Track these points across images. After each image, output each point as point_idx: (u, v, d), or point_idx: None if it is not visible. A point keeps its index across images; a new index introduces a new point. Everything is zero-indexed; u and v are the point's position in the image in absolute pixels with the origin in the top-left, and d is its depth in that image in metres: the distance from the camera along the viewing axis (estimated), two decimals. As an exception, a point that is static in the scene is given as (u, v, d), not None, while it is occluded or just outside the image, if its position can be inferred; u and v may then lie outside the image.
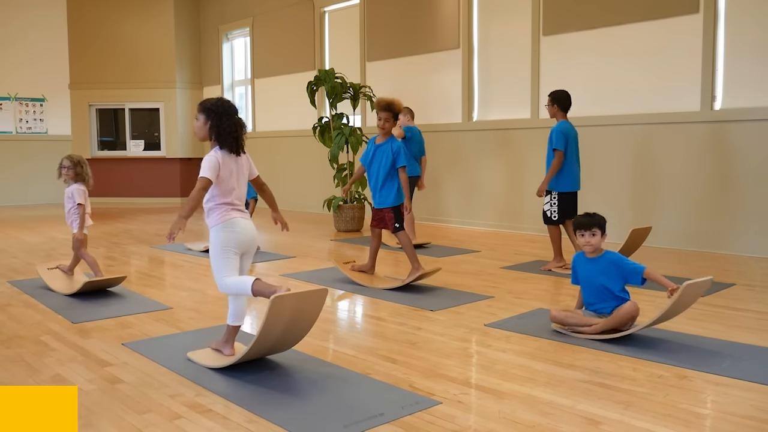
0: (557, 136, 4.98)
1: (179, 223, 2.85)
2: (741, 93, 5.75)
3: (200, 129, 2.98)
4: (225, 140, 2.93)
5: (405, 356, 3.05)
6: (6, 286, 4.74)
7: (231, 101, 3.03)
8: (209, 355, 3.04)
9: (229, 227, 2.92)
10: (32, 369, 2.92)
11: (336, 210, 7.76)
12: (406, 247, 4.59)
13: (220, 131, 2.92)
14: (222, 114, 2.93)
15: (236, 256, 2.95)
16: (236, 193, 2.98)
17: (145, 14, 11.52)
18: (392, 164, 4.53)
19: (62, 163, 4.57)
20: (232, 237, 2.92)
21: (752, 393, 2.55)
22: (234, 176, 2.97)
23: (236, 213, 2.96)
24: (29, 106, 11.46)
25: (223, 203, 2.94)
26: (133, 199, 11.52)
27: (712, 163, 5.88)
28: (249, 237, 2.99)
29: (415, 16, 8.32)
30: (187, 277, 5.18)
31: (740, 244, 5.73)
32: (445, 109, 8.09)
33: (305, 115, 9.21)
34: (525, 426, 2.26)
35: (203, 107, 2.97)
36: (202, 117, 2.96)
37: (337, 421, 2.31)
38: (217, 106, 2.95)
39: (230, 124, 2.93)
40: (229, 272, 2.93)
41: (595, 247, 3.39)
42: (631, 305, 3.23)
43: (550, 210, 5.10)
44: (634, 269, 3.28)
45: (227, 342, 3.04)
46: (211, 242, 2.96)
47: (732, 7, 5.76)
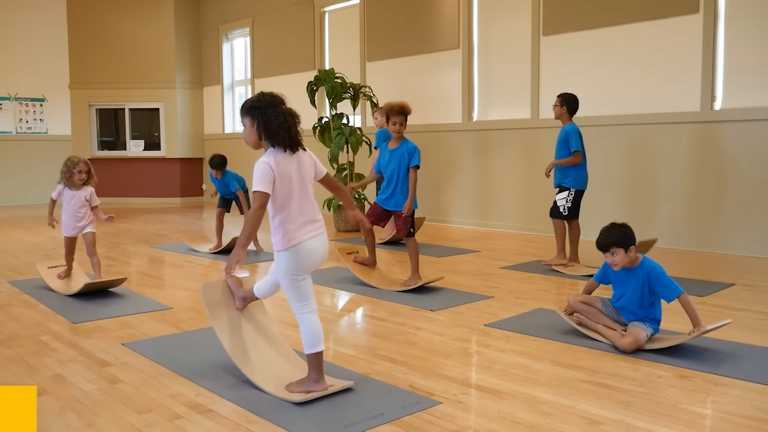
0: (575, 137, 5.05)
1: (238, 254, 2.46)
2: (741, 93, 5.75)
3: (250, 133, 2.55)
4: (276, 135, 2.51)
5: (405, 356, 3.05)
6: (6, 286, 4.74)
7: (274, 93, 2.61)
8: (219, 297, 2.90)
9: (293, 254, 2.51)
10: (32, 369, 2.92)
11: (336, 210, 7.76)
12: (412, 254, 4.58)
13: (269, 126, 2.51)
14: (266, 107, 2.52)
15: (305, 280, 2.58)
16: (298, 200, 2.54)
17: (145, 14, 11.52)
18: (408, 166, 4.55)
19: (78, 167, 4.48)
20: (296, 264, 2.52)
21: (752, 393, 2.55)
22: (294, 180, 2.53)
23: (302, 232, 2.53)
24: (29, 106, 11.45)
25: (284, 220, 2.51)
26: (133, 199, 11.52)
27: (712, 163, 5.88)
28: (318, 259, 2.59)
29: (415, 16, 8.32)
30: (187, 277, 5.18)
31: (740, 244, 5.72)
32: (445, 109, 8.09)
33: (305, 115, 9.05)
34: (525, 426, 2.26)
35: (245, 108, 2.57)
36: (247, 119, 2.55)
37: (337, 421, 2.31)
38: (259, 100, 2.55)
39: (278, 115, 2.51)
40: (305, 300, 2.57)
41: (621, 265, 3.15)
42: (632, 343, 3.02)
43: (564, 205, 5.14)
44: (668, 289, 3.05)
45: (245, 299, 2.87)
46: (276, 265, 2.61)
47: (732, 7, 5.76)
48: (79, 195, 4.54)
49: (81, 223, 4.58)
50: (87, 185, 4.57)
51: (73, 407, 2.47)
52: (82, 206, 4.56)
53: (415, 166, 4.48)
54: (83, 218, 4.58)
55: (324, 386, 2.53)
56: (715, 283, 4.55)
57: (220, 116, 11.69)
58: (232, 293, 2.95)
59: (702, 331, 2.98)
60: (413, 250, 4.58)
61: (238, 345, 2.81)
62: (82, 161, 4.55)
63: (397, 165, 4.53)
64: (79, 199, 4.55)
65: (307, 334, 2.55)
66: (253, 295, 2.90)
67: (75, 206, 4.55)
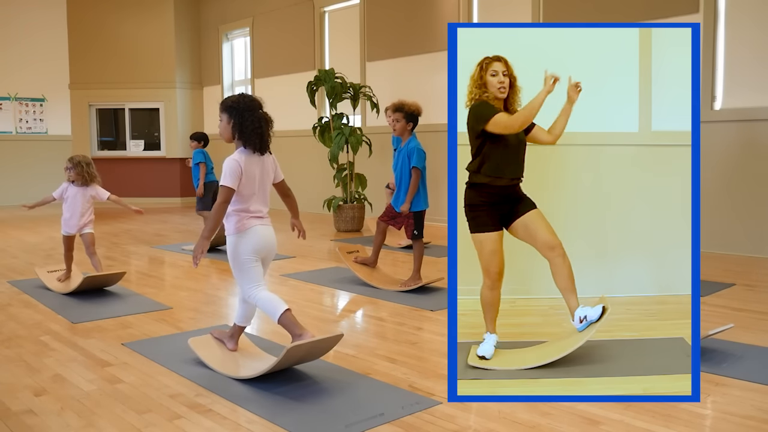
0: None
1: (201, 245, 2.71)
2: (741, 93, 5.75)
3: (225, 129, 2.81)
4: (249, 138, 2.75)
5: (405, 356, 3.05)
6: (6, 286, 4.74)
7: (254, 96, 2.86)
8: (210, 345, 3.02)
9: (244, 236, 2.78)
10: (32, 369, 2.92)
11: (336, 210, 7.76)
12: (417, 256, 4.56)
13: (243, 128, 2.75)
14: (244, 110, 2.77)
15: (257, 263, 2.82)
16: (257, 198, 2.82)
17: (145, 14, 11.52)
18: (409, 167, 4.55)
19: (66, 164, 4.48)
20: (248, 245, 2.78)
21: (752, 393, 2.55)
22: (256, 180, 2.80)
23: (255, 221, 2.81)
24: (29, 106, 11.45)
25: (240, 210, 2.78)
26: (132, 199, 11.40)
27: (712, 163, 5.88)
28: (267, 243, 2.85)
29: (415, 16, 8.32)
30: (187, 277, 5.18)
31: (740, 244, 5.72)
32: (445, 110, 8.08)
33: (305, 115, 9.20)
34: (525, 426, 2.26)
35: (225, 105, 2.82)
36: (224, 116, 2.81)
37: (338, 421, 2.31)
38: (238, 102, 2.79)
39: (253, 120, 2.76)
40: (255, 282, 2.80)
41: None
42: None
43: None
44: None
45: (232, 337, 3.02)
46: (229, 250, 2.83)
47: (732, 7, 5.76)
48: (83, 192, 4.52)
49: (82, 221, 4.55)
50: (91, 183, 4.54)
51: (73, 407, 2.47)
52: (86, 204, 4.54)
53: (413, 167, 4.46)
54: (84, 216, 4.56)
55: (309, 334, 2.67)
56: (715, 283, 4.55)
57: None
58: (221, 340, 3.05)
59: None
60: (417, 252, 4.54)
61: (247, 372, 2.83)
62: (70, 159, 4.54)
63: (402, 164, 4.55)
64: (83, 196, 4.52)
65: (266, 306, 2.76)
66: (237, 327, 3.00)
67: (78, 204, 4.51)
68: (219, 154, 6.98)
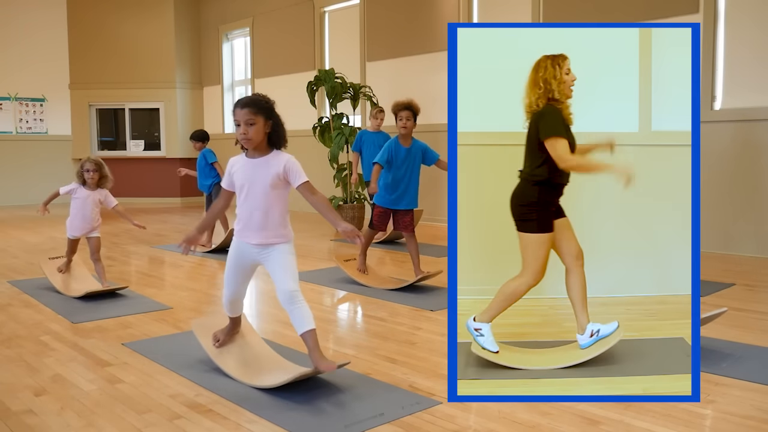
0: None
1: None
2: (741, 93, 5.75)
3: (258, 132, 2.60)
4: (282, 139, 2.68)
5: (405, 356, 3.05)
6: (6, 286, 4.74)
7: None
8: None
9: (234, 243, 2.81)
10: (32, 369, 2.92)
11: (336, 210, 7.76)
12: (413, 250, 4.65)
13: (278, 129, 2.66)
14: (275, 111, 2.67)
15: (237, 273, 2.82)
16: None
17: (145, 14, 11.52)
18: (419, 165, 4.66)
19: (86, 167, 4.41)
20: (230, 252, 2.82)
21: (752, 393, 2.55)
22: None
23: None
24: (29, 106, 11.45)
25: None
26: (133, 199, 11.51)
27: (712, 164, 5.88)
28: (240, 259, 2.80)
29: (415, 16, 8.32)
30: (187, 277, 5.18)
31: (740, 244, 5.72)
32: (445, 110, 8.08)
33: (305, 115, 9.20)
34: (525, 426, 2.26)
35: (260, 106, 2.61)
36: (261, 117, 2.60)
37: (338, 421, 2.31)
38: (269, 102, 2.66)
39: (281, 121, 2.70)
40: (230, 285, 2.83)
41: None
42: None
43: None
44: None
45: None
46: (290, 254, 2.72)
47: (732, 7, 5.76)
48: (93, 196, 4.44)
49: (89, 225, 4.49)
50: (102, 187, 4.48)
51: (73, 407, 2.47)
52: (95, 208, 4.47)
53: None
54: (92, 220, 4.49)
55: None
56: (715, 283, 4.55)
57: (220, 116, 11.69)
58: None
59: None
60: (415, 247, 4.63)
61: (244, 371, 2.80)
62: (91, 160, 4.47)
63: (412, 164, 4.66)
64: (93, 200, 4.45)
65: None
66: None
67: (87, 207, 4.44)
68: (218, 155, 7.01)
